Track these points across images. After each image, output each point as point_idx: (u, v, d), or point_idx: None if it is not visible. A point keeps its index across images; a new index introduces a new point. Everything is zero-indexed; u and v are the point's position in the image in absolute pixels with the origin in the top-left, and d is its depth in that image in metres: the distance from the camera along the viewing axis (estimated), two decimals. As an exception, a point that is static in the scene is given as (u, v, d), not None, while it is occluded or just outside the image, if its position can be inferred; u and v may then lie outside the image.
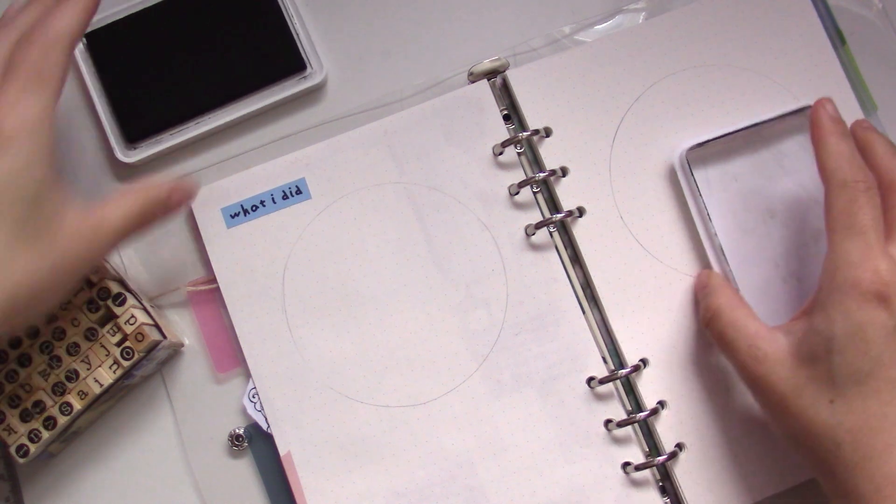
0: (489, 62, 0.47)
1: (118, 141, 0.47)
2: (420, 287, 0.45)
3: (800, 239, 0.45)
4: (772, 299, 0.44)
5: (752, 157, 0.46)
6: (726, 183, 0.45)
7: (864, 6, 0.49)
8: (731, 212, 0.45)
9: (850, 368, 0.35)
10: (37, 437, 0.41)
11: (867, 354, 0.35)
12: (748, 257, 0.45)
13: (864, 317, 0.35)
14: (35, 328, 0.42)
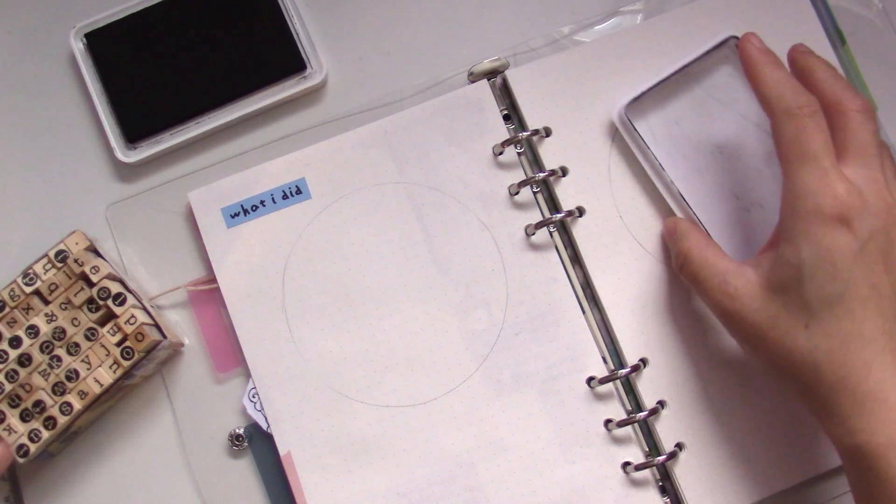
0: (489, 62, 0.47)
1: (118, 141, 0.47)
2: (420, 287, 0.45)
3: (753, 165, 0.46)
4: (741, 231, 0.45)
5: (688, 98, 0.46)
6: (669, 128, 0.46)
7: (864, 6, 0.49)
8: (682, 156, 0.45)
9: (822, 293, 0.36)
10: (37, 436, 0.41)
11: (837, 277, 0.35)
12: (708, 196, 0.45)
13: (829, 241, 0.36)
14: (35, 327, 0.42)
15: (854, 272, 0.35)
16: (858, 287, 0.36)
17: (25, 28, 0.49)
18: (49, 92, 0.48)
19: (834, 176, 0.36)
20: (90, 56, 0.47)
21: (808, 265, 0.36)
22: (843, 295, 0.36)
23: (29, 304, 0.42)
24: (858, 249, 0.36)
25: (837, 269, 0.35)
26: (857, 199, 0.36)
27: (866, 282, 0.36)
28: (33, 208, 0.47)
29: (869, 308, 0.35)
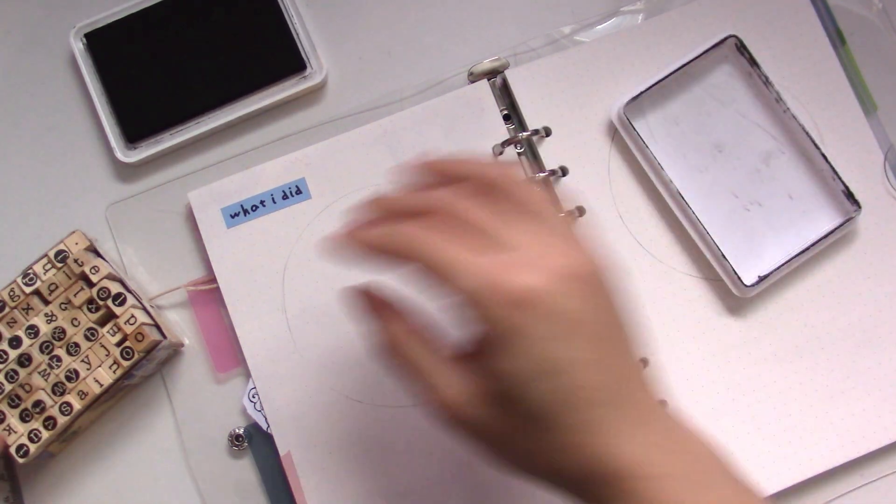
0: (489, 62, 0.47)
1: (118, 141, 0.47)
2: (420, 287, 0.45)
3: (751, 164, 0.46)
4: (739, 230, 0.45)
5: (687, 97, 0.46)
6: (669, 128, 0.46)
7: (864, 6, 0.49)
8: (681, 154, 0.45)
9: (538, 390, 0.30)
10: (37, 436, 0.41)
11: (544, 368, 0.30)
12: (707, 195, 0.45)
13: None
14: (35, 327, 0.42)
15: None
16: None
17: (25, 28, 0.49)
18: (49, 92, 0.48)
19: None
20: (90, 56, 0.47)
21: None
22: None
23: (29, 304, 0.42)
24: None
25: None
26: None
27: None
28: (33, 208, 0.47)
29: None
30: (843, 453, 0.43)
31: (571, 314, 0.30)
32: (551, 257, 0.30)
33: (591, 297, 0.30)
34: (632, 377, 0.31)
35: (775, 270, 0.44)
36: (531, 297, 0.29)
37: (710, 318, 0.45)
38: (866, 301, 0.45)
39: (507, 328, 0.29)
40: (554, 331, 0.29)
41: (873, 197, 0.46)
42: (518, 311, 0.29)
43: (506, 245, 0.31)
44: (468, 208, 0.32)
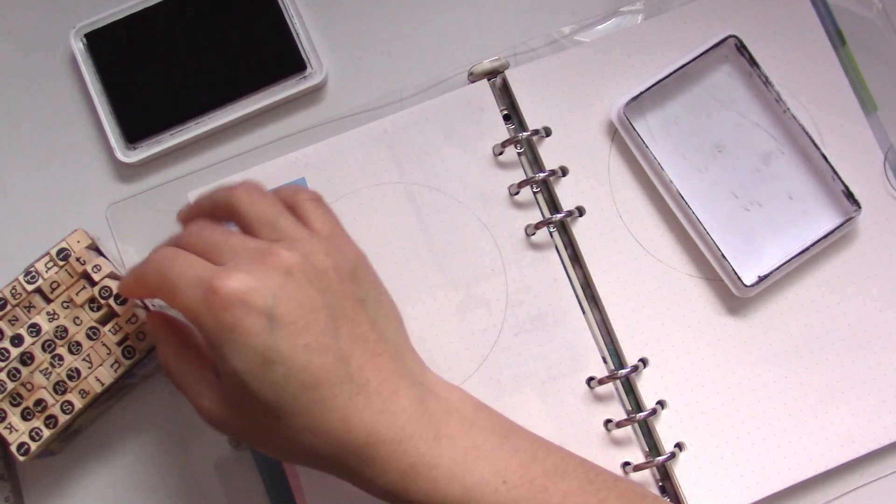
0: (489, 62, 0.47)
1: (118, 141, 0.47)
2: (420, 287, 0.45)
3: (751, 164, 0.46)
4: (739, 230, 0.45)
5: (686, 98, 0.46)
6: (669, 128, 0.46)
7: (864, 6, 0.49)
8: (681, 155, 0.45)
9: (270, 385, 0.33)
10: (38, 435, 0.41)
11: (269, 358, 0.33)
12: (707, 195, 0.45)
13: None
14: (37, 326, 0.42)
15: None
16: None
17: (25, 28, 0.49)
18: (49, 92, 0.48)
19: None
20: (90, 56, 0.47)
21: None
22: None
23: (31, 302, 0.42)
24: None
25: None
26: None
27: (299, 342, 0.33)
28: (33, 209, 0.48)
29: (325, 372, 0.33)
30: (843, 453, 0.44)
31: (283, 306, 0.32)
32: (268, 258, 0.33)
33: (313, 288, 0.33)
34: (361, 353, 0.34)
35: (775, 270, 0.44)
36: (237, 297, 0.32)
37: (710, 318, 0.45)
38: (866, 301, 0.45)
39: (220, 331, 0.32)
40: (264, 324, 0.32)
41: (873, 197, 0.46)
42: (227, 312, 0.32)
43: (226, 258, 0.34)
44: (197, 234, 0.36)
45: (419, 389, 0.36)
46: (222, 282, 0.32)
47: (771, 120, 0.46)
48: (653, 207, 0.46)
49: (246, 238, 0.35)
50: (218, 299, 0.32)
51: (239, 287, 0.32)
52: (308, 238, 0.35)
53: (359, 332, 0.35)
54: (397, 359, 0.36)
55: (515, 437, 0.36)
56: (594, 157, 0.46)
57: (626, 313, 0.45)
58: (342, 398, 0.33)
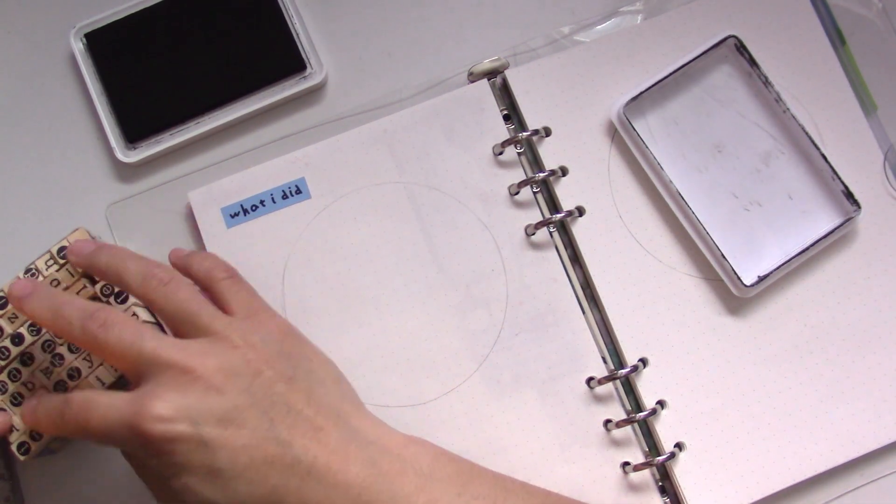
0: (489, 62, 0.47)
1: (118, 141, 0.47)
2: (420, 287, 0.45)
3: (751, 164, 0.46)
4: (739, 230, 0.45)
5: (686, 98, 0.46)
6: (668, 128, 0.46)
7: (864, 6, 0.49)
8: (680, 155, 0.46)
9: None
10: (39, 434, 0.41)
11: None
12: (707, 195, 0.45)
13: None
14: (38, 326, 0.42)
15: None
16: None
17: (25, 28, 0.49)
18: (49, 92, 0.48)
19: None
20: (90, 56, 0.47)
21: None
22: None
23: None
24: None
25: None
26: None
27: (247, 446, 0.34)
28: (33, 209, 0.48)
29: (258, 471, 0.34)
30: (843, 453, 0.44)
31: (210, 421, 0.34)
32: (184, 376, 0.34)
33: (236, 388, 0.34)
34: (303, 433, 0.35)
35: (775, 270, 0.44)
36: (163, 435, 0.33)
37: (710, 318, 0.45)
38: (866, 301, 0.45)
39: (160, 466, 0.34)
40: (198, 444, 0.33)
41: (873, 197, 0.46)
42: (159, 449, 0.33)
43: (145, 373, 0.34)
44: (118, 337, 0.35)
45: (370, 451, 0.36)
46: (144, 418, 0.33)
47: (771, 120, 0.46)
48: (653, 207, 0.46)
49: (160, 344, 0.35)
50: (147, 437, 0.33)
51: (162, 416, 0.33)
52: (228, 330, 0.36)
53: (294, 413, 0.35)
54: (341, 425, 0.36)
55: (475, 484, 0.37)
56: (594, 157, 0.46)
57: (626, 313, 0.45)
58: (294, 483, 0.34)
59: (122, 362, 0.35)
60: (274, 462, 0.34)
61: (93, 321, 0.35)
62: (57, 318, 0.36)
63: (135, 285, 0.37)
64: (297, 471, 0.34)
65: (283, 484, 0.34)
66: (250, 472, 0.34)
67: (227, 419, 0.34)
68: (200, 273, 0.39)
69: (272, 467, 0.34)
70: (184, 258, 0.40)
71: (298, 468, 0.34)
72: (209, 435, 0.33)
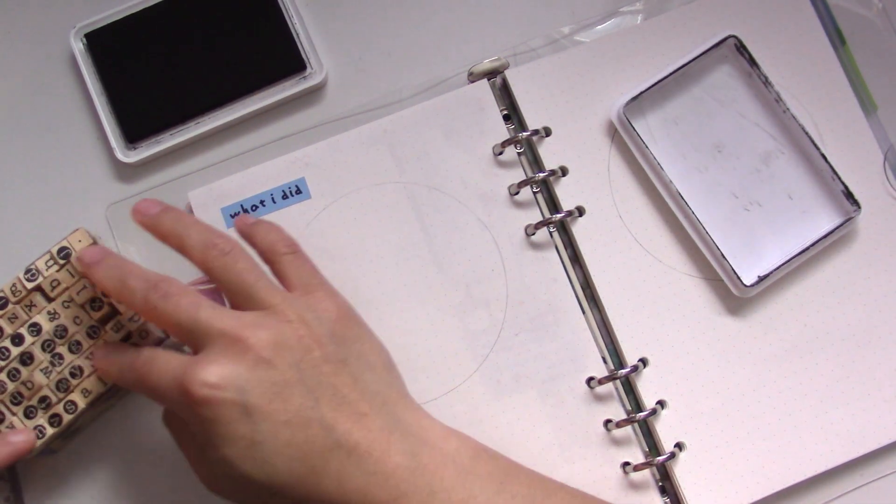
0: (489, 62, 0.47)
1: (118, 141, 0.47)
2: (420, 287, 0.45)
3: (751, 164, 0.46)
4: (739, 230, 0.45)
5: (686, 98, 0.46)
6: (668, 128, 0.46)
7: (864, 6, 0.49)
8: (680, 155, 0.46)
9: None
10: (41, 433, 0.41)
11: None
12: (707, 195, 0.45)
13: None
14: (38, 325, 0.41)
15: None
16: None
17: (25, 28, 0.49)
18: (49, 92, 0.48)
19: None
20: (90, 56, 0.47)
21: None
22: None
23: (31, 301, 0.42)
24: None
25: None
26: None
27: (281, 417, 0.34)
28: (33, 209, 0.47)
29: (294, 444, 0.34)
30: (843, 453, 0.44)
31: (255, 392, 0.34)
32: (237, 345, 0.34)
33: (285, 363, 0.34)
34: (346, 417, 0.35)
35: (775, 270, 0.44)
36: (209, 395, 0.33)
37: (710, 318, 0.45)
38: (866, 301, 0.45)
39: (202, 425, 0.34)
40: (241, 412, 0.33)
41: (873, 197, 0.46)
42: (203, 409, 0.33)
43: (201, 343, 0.35)
44: (175, 306, 0.36)
45: (411, 442, 0.36)
46: (193, 381, 0.33)
47: (771, 120, 0.46)
48: (653, 207, 0.46)
49: (216, 314, 0.35)
50: (193, 399, 0.33)
51: (209, 382, 0.33)
52: (283, 305, 0.36)
53: (340, 396, 0.35)
54: (385, 413, 0.36)
55: (513, 482, 0.37)
56: (594, 157, 0.46)
57: (626, 313, 0.45)
58: (333, 465, 0.34)
59: (180, 330, 0.35)
60: (315, 442, 0.34)
61: (155, 291, 0.36)
62: (122, 287, 0.37)
63: (196, 253, 0.37)
64: (337, 454, 0.34)
65: (322, 465, 0.34)
66: (291, 449, 0.34)
67: (274, 392, 0.34)
68: (264, 245, 0.39)
69: (313, 447, 0.34)
70: (249, 227, 0.40)
71: (339, 451, 0.34)
72: (254, 405, 0.33)
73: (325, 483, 0.34)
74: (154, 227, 0.39)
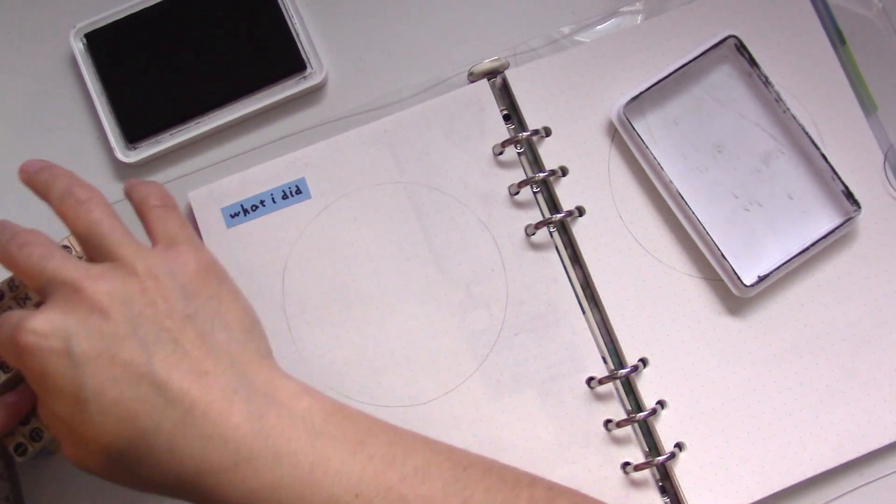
0: (489, 62, 0.47)
1: (118, 141, 0.47)
2: (420, 287, 0.45)
3: (751, 164, 0.46)
4: (739, 230, 0.45)
5: (686, 98, 0.46)
6: (669, 128, 0.46)
7: (864, 6, 0.49)
8: (680, 155, 0.46)
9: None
10: (38, 435, 0.41)
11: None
12: (707, 195, 0.45)
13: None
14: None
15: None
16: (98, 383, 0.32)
17: (25, 28, 0.49)
18: (49, 92, 0.48)
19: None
20: (90, 56, 0.47)
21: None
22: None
23: (27, 294, 0.42)
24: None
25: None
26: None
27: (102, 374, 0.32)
28: (33, 209, 0.47)
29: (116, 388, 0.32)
30: (843, 453, 0.44)
31: (83, 342, 0.31)
32: (75, 295, 0.32)
33: (121, 316, 0.32)
34: (183, 375, 0.32)
35: (775, 270, 0.44)
36: (35, 344, 0.31)
37: (710, 318, 0.45)
38: (866, 301, 0.45)
39: (33, 379, 0.32)
40: (67, 364, 0.31)
41: (873, 197, 0.46)
42: (31, 359, 0.31)
43: (44, 290, 0.33)
44: (18, 251, 0.34)
45: (258, 403, 0.33)
46: (23, 329, 0.32)
47: (771, 120, 0.46)
48: (653, 207, 0.46)
49: (64, 265, 0.33)
50: (19, 348, 0.32)
51: (35, 330, 0.31)
52: (133, 257, 0.34)
53: (181, 353, 0.33)
54: (233, 373, 0.33)
55: (371, 443, 0.34)
56: (594, 157, 0.46)
57: (626, 313, 0.45)
58: (165, 427, 0.31)
59: (30, 280, 0.34)
60: (146, 401, 0.31)
61: (14, 240, 0.34)
62: None
63: (55, 201, 0.36)
64: (170, 415, 0.31)
65: (153, 428, 0.31)
66: (118, 408, 0.31)
67: (103, 346, 0.32)
68: (136, 200, 0.37)
69: (143, 406, 0.31)
70: (128, 185, 0.38)
71: (172, 412, 0.31)
72: (79, 356, 0.31)
73: (159, 446, 0.31)
74: (31, 182, 0.37)
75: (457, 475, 0.34)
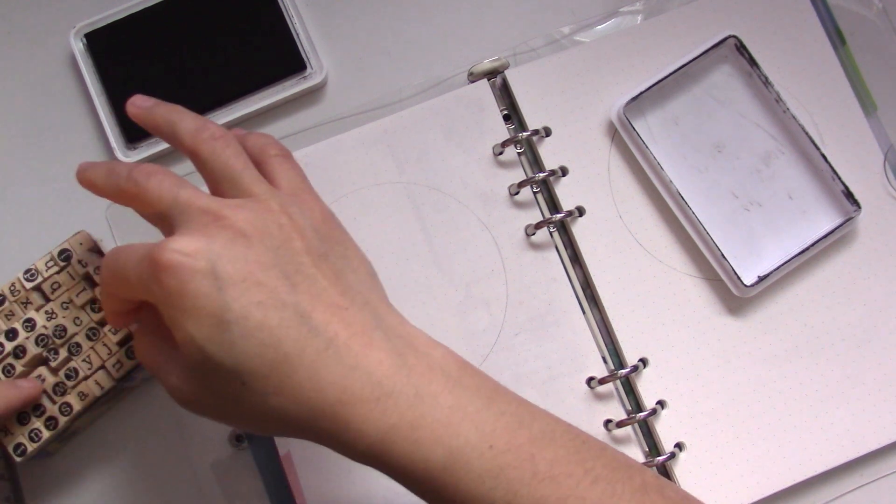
0: (489, 62, 0.47)
1: (118, 141, 0.47)
2: (420, 287, 0.45)
3: (751, 164, 0.46)
4: (739, 230, 0.45)
5: (686, 97, 0.46)
6: (668, 128, 0.46)
7: (864, 6, 0.49)
8: (681, 154, 0.46)
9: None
10: (37, 436, 0.41)
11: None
12: (707, 195, 0.46)
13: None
14: (32, 321, 0.41)
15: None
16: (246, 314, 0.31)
17: (25, 28, 0.49)
18: (49, 92, 0.48)
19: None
20: (90, 56, 0.47)
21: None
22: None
23: (28, 298, 0.42)
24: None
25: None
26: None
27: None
28: (33, 210, 0.47)
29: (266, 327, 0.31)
30: (844, 453, 0.44)
31: (228, 265, 0.31)
32: (217, 221, 0.32)
33: (263, 245, 0.32)
34: (325, 307, 0.32)
35: (775, 270, 0.44)
36: (177, 262, 0.30)
37: (710, 318, 0.45)
38: (866, 301, 0.45)
39: (168, 298, 0.31)
40: (211, 284, 0.30)
41: (873, 197, 0.46)
42: (170, 277, 0.30)
43: (176, 221, 0.33)
44: (146, 185, 0.34)
45: (397, 343, 0.33)
46: (162, 251, 0.31)
47: (771, 120, 0.46)
48: (653, 207, 0.46)
49: (198, 195, 0.33)
50: (160, 267, 0.30)
51: (179, 250, 0.30)
52: (267, 195, 0.34)
53: (320, 287, 0.32)
54: (368, 311, 0.33)
55: (501, 400, 0.34)
56: (594, 157, 0.46)
57: (626, 313, 0.45)
58: (308, 354, 0.31)
59: (159, 209, 0.33)
60: (290, 327, 0.31)
61: (139, 171, 0.34)
62: (110, 173, 0.35)
63: (186, 137, 0.35)
64: (313, 343, 0.31)
65: (296, 353, 0.31)
66: (262, 332, 0.30)
67: (248, 270, 0.31)
68: (255, 148, 0.37)
69: (287, 332, 0.31)
70: (242, 135, 0.38)
71: (315, 341, 0.31)
72: (226, 279, 0.30)
73: (300, 373, 0.31)
74: (148, 118, 0.37)
75: (577, 447, 0.34)
